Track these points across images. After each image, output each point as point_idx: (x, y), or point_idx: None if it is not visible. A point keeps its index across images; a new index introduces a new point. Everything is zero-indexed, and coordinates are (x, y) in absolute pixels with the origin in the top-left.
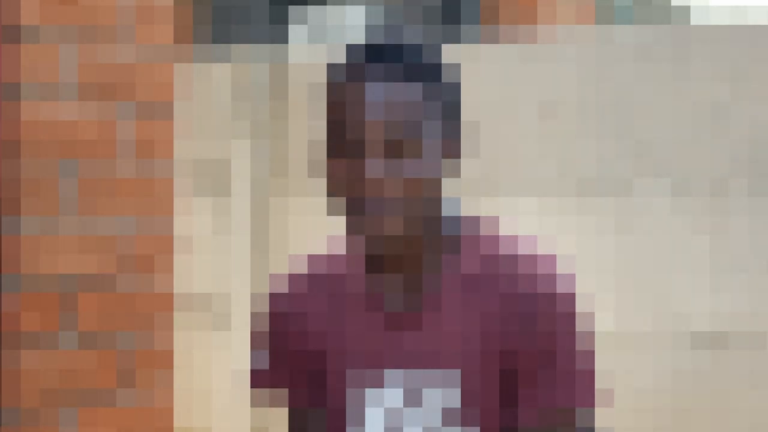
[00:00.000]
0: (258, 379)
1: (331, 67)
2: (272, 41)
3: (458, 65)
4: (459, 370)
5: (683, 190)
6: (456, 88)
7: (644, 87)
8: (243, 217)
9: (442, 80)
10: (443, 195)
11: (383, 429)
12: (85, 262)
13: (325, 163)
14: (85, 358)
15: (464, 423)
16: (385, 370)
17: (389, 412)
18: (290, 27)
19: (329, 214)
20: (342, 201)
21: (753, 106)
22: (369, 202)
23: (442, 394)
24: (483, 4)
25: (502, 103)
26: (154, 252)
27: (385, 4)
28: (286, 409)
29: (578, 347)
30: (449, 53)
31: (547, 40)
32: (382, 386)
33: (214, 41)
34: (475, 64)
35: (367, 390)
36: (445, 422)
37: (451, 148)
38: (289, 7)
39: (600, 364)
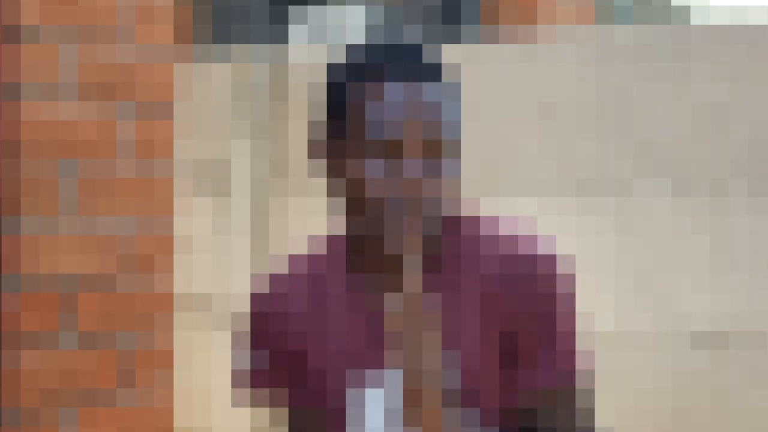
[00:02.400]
0: (257, 379)
1: (331, 67)
2: (272, 41)
3: (458, 65)
4: (459, 351)
5: (683, 190)
6: (456, 87)
7: (644, 87)
8: (243, 217)
9: (442, 80)
10: (443, 195)
11: (383, 429)
12: (85, 262)
13: (325, 163)
14: (85, 358)
15: (464, 404)
16: (385, 371)
17: (389, 412)
18: (290, 27)
19: (329, 214)
20: (342, 201)
21: (753, 106)
22: (369, 202)
23: (442, 377)
24: (483, 4)
25: (502, 103)
26: (154, 252)
27: (385, 4)
28: (286, 409)
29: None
30: (449, 53)
31: (547, 40)
32: (382, 386)
33: (214, 41)
34: (475, 64)
35: (367, 390)
36: (445, 403)
37: (451, 148)
38: (289, 7)
39: (600, 364)
